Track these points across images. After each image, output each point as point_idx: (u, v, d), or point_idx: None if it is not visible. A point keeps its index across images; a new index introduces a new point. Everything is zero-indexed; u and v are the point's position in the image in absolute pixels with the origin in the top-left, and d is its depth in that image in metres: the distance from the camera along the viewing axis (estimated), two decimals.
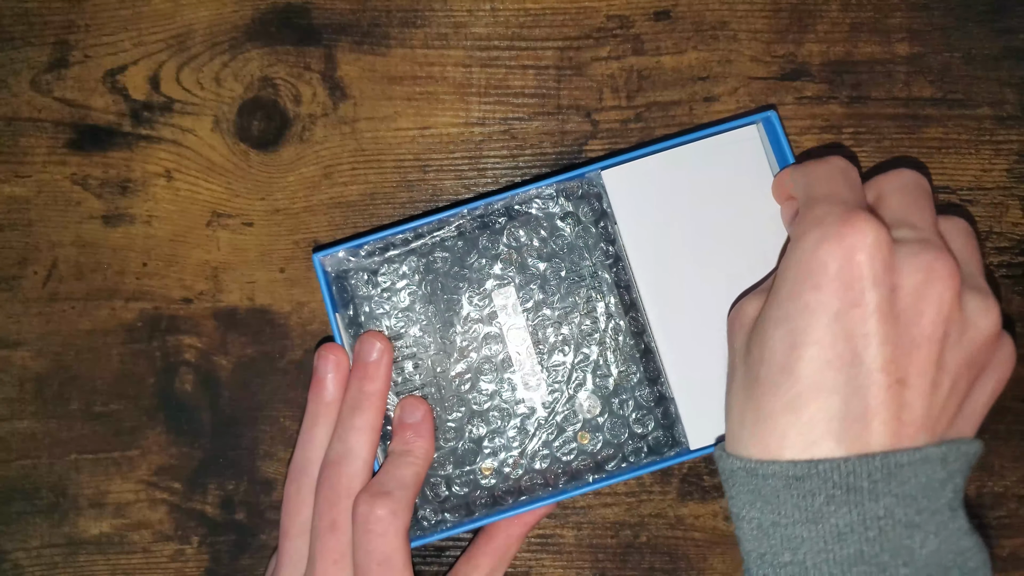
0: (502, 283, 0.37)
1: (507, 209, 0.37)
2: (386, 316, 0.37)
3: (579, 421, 0.37)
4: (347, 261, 0.37)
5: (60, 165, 0.40)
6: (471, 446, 0.37)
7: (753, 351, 0.30)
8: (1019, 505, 0.39)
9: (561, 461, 0.37)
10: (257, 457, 0.40)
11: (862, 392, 0.27)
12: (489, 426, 0.37)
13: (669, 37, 0.40)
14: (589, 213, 0.37)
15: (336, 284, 0.37)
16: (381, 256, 0.37)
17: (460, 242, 0.37)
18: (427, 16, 0.40)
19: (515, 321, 0.37)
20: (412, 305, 0.37)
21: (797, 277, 0.29)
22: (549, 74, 0.40)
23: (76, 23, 0.40)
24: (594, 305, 0.37)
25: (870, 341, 0.28)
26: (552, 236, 0.37)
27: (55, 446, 0.40)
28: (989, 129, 0.40)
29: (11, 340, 0.40)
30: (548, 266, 0.37)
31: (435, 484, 0.37)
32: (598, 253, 0.37)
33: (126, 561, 0.40)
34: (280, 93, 0.40)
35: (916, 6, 0.40)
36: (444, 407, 0.37)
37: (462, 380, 0.37)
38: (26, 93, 0.40)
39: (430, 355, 0.37)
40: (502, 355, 0.37)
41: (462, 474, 0.37)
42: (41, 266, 0.40)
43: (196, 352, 0.40)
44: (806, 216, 0.30)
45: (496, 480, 0.37)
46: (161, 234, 0.40)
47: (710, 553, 0.39)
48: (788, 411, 0.28)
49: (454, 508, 0.37)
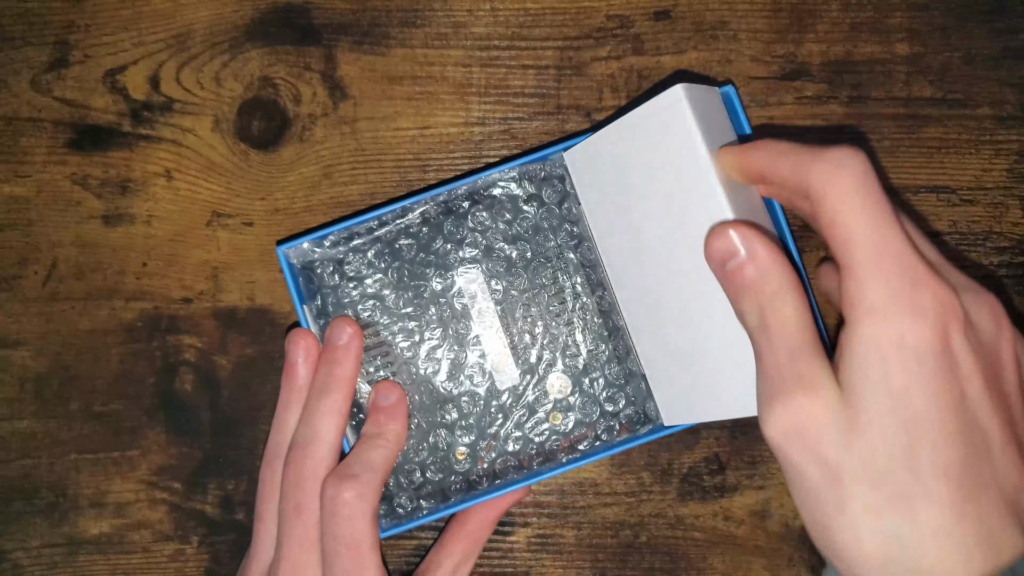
0: (468, 267, 0.37)
1: (471, 194, 0.37)
2: (354, 305, 0.37)
3: (550, 402, 0.37)
4: (312, 252, 0.37)
5: (60, 165, 0.40)
6: (444, 432, 0.37)
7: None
8: None
9: (534, 442, 0.37)
10: (257, 457, 0.40)
11: None
12: (461, 411, 0.37)
13: (669, 37, 0.40)
14: (552, 195, 0.37)
15: (303, 275, 0.37)
16: (346, 246, 0.37)
17: (425, 228, 0.37)
18: (427, 16, 0.40)
19: (483, 305, 0.37)
20: (379, 293, 0.37)
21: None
22: (549, 74, 0.40)
23: (76, 23, 0.40)
24: (561, 285, 0.37)
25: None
26: (517, 219, 0.37)
27: (55, 446, 0.40)
28: (989, 129, 0.40)
29: (11, 340, 0.40)
30: (514, 248, 0.37)
31: (409, 471, 0.37)
32: (563, 234, 0.37)
33: (126, 561, 0.40)
34: (280, 93, 0.40)
35: (916, 6, 0.40)
36: (416, 393, 0.37)
37: (432, 366, 0.37)
38: (26, 93, 0.40)
39: (399, 342, 0.37)
40: (471, 339, 0.37)
41: (436, 460, 0.37)
42: (41, 266, 0.40)
43: (196, 352, 0.40)
44: (860, 294, 0.25)
45: (470, 464, 0.37)
46: (161, 234, 0.40)
47: (710, 553, 0.39)
48: None
49: (429, 495, 0.37)
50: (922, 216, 0.40)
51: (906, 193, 0.40)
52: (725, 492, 0.39)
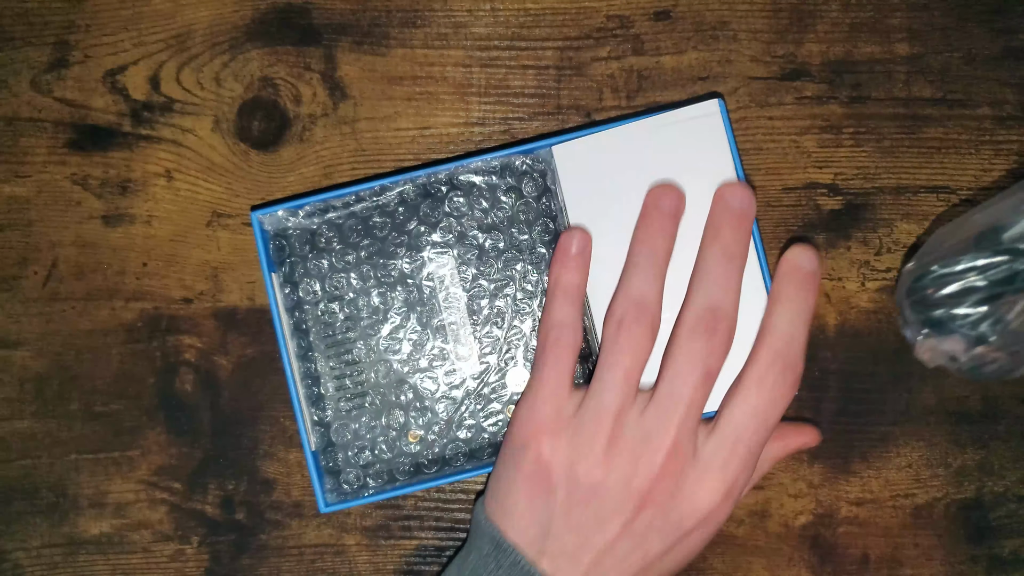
0: (440, 251, 0.37)
1: (450, 179, 0.37)
2: (322, 277, 0.37)
3: (508, 395, 0.37)
4: (286, 220, 0.37)
5: (60, 165, 0.40)
6: (399, 412, 0.37)
7: None
8: (1019, 505, 0.39)
9: (487, 432, 0.37)
10: (257, 457, 0.40)
11: None
12: (418, 393, 0.37)
13: (669, 37, 0.40)
14: (532, 189, 0.37)
15: (274, 243, 0.37)
16: (321, 218, 0.37)
17: (401, 208, 0.37)
18: (427, 16, 0.40)
19: (451, 290, 0.37)
20: (348, 267, 0.37)
21: None
22: (549, 74, 0.40)
23: (76, 23, 0.40)
24: (530, 280, 0.37)
25: None
26: (493, 208, 0.37)
27: (55, 446, 0.40)
28: (989, 129, 0.40)
29: (11, 340, 0.40)
30: (487, 238, 0.37)
31: (360, 448, 0.37)
32: (538, 228, 0.37)
33: (126, 561, 0.40)
34: (280, 93, 0.40)
35: (916, 6, 0.40)
36: (373, 371, 0.37)
37: (393, 345, 0.37)
38: (26, 93, 0.40)
39: (363, 317, 0.37)
40: (436, 323, 0.37)
41: (387, 440, 0.37)
42: (41, 266, 0.40)
43: (196, 352, 0.40)
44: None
45: (421, 447, 0.37)
46: (161, 234, 0.40)
47: (710, 553, 0.39)
48: None
49: (377, 474, 0.37)
50: (922, 216, 0.40)
51: (906, 193, 0.40)
52: None
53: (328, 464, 0.37)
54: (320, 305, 0.37)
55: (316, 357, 0.37)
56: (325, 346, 0.37)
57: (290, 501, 0.40)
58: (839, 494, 0.39)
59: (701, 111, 0.35)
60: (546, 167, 0.37)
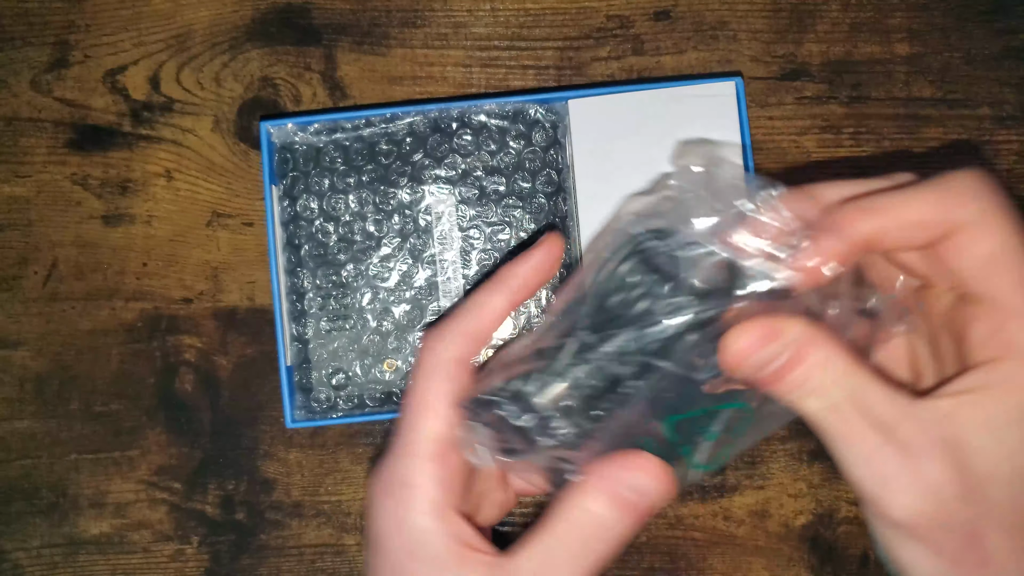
0: (442, 187, 0.37)
1: (462, 116, 0.37)
2: (322, 195, 0.37)
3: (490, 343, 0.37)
4: (294, 134, 0.37)
5: (60, 165, 0.40)
6: (378, 339, 0.37)
7: None
8: None
9: None
10: (257, 457, 0.40)
11: None
12: (399, 323, 0.37)
13: (669, 37, 0.40)
14: (542, 139, 0.37)
15: (279, 155, 0.37)
16: (328, 137, 0.37)
17: (409, 138, 0.37)
18: (427, 16, 0.40)
19: (447, 227, 0.37)
20: (348, 189, 0.37)
21: None
22: (549, 74, 0.40)
23: (76, 23, 0.40)
24: (527, 228, 0.37)
25: None
26: (501, 151, 0.37)
27: (55, 446, 0.40)
28: (989, 129, 0.40)
29: (11, 340, 0.40)
30: (491, 180, 0.37)
31: (335, 370, 0.37)
32: (542, 179, 0.37)
33: (126, 561, 0.40)
34: (280, 93, 0.40)
35: (916, 6, 0.40)
36: (360, 296, 0.37)
37: (382, 272, 0.37)
38: (26, 93, 0.40)
39: (356, 241, 0.37)
40: (427, 256, 0.37)
41: (363, 366, 0.37)
42: (41, 266, 0.40)
43: (196, 352, 0.40)
44: None
45: (395, 377, 0.37)
46: (161, 234, 0.40)
47: (710, 553, 0.39)
48: None
49: (348, 397, 0.37)
50: None
51: None
52: (725, 492, 0.39)
53: (301, 380, 0.37)
54: (316, 223, 0.37)
55: (304, 273, 0.37)
56: (315, 264, 0.37)
57: (290, 501, 0.40)
58: (839, 494, 0.39)
59: (719, 90, 0.36)
60: (559, 120, 0.37)
